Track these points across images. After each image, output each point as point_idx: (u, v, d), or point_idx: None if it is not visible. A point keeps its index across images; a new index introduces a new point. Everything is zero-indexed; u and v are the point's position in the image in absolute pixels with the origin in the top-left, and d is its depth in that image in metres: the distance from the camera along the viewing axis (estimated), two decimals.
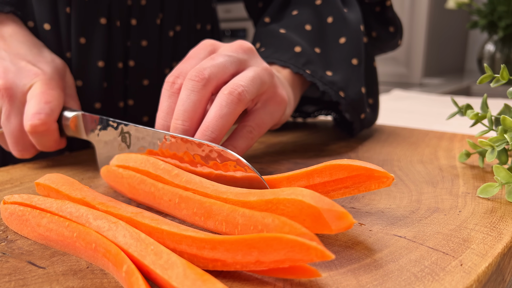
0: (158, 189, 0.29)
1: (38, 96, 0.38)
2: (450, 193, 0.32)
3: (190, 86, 0.32)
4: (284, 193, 0.24)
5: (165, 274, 0.19)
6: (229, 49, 0.35)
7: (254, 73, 0.34)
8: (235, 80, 0.33)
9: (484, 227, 0.26)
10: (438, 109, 0.80)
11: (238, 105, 0.32)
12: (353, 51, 0.47)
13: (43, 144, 0.39)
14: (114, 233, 0.23)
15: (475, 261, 0.22)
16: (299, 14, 0.49)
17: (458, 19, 1.90)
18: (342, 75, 0.45)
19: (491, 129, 0.37)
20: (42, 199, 0.27)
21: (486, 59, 1.61)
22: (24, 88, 0.39)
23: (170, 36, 0.52)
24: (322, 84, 0.44)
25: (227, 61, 0.34)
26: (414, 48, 1.72)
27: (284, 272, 0.20)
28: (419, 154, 0.43)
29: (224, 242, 0.20)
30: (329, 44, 0.47)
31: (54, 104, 0.39)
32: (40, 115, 0.37)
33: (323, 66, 0.45)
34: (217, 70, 0.33)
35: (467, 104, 0.40)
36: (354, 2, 0.51)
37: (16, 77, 0.39)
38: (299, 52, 0.45)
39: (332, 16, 0.48)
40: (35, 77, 0.39)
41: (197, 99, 0.32)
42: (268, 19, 0.52)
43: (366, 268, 0.22)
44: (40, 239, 0.25)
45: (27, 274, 0.22)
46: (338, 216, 0.22)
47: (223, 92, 0.32)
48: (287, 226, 0.22)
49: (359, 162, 0.26)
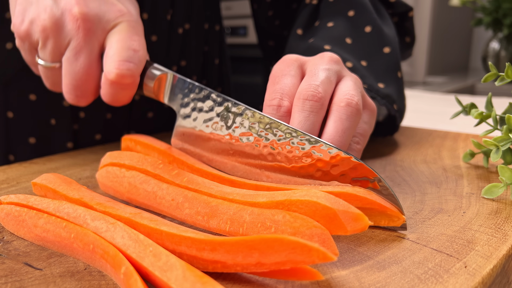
0: (161, 188, 0.29)
1: (126, 41, 0.34)
2: (454, 194, 0.32)
3: (308, 107, 0.30)
4: (297, 194, 0.24)
5: (164, 276, 0.19)
6: (322, 62, 0.34)
7: (353, 82, 0.33)
8: (345, 91, 0.32)
9: (489, 228, 0.26)
10: (442, 108, 0.80)
11: (357, 116, 0.31)
12: (396, 62, 0.46)
13: (116, 97, 0.35)
14: (112, 234, 0.23)
15: (479, 263, 0.22)
16: (336, 26, 0.48)
17: (462, 16, 1.90)
18: (393, 87, 0.44)
19: (496, 129, 0.37)
20: (39, 200, 0.27)
21: (491, 57, 1.60)
22: (107, 25, 0.34)
23: (179, 33, 0.53)
24: (380, 98, 0.43)
25: (330, 75, 0.32)
26: (418, 46, 1.72)
27: (285, 274, 0.20)
28: (422, 154, 0.43)
29: (224, 244, 0.20)
30: (373, 55, 0.46)
31: (142, 54, 0.34)
32: (129, 64, 0.33)
33: (374, 79, 0.44)
34: (327, 87, 0.32)
35: (471, 103, 0.40)
36: (386, 14, 0.50)
37: (99, 8, 0.34)
38: (351, 68, 0.43)
39: (370, 25, 0.47)
40: (120, 16, 0.35)
41: (316, 120, 0.30)
42: (300, 31, 0.51)
43: (369, 270, 0.22)
44: (37, 240, 0.25)
45: (23, 275, 0.22)
46: (354, 217, 0.23)
47: (340, 105, 0.31)
48: (299, 219, 0.22)
49: (375, 196, 0.26)
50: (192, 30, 0.54)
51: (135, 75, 0.34)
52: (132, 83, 0.34)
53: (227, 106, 0.31)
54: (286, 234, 0.22)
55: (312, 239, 0.21)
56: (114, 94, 0.35)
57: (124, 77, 0.33)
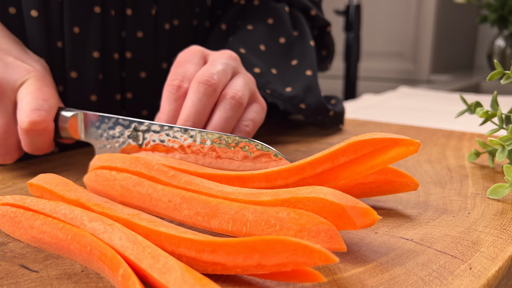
0: (156, 190, 0.28)
1: (35, 93, 0.37)
2: (459, 194, 0.32)
3: (202, 89, 0.35)
4: (303, 191, 0.24)
5: (162, 279, 0.19)
6: (222, 57, 0.39)
7: (244, 79, 0.39)
8: (234, 86, 0.37)
9: (494, 229, 0.26)
10: (446, 107, 0.80)
11: (240, 108, 0.37)
12: (306, 67, 0.53)
13: (36, 145, 0.38)
14: (110, 236, 0.23)
15: (484, 264, 0.22)
16: (254, 31, 0.55)
17: (467, 13, 1.90)
18: (300, 86, 0.51)
19: (502, 128, 0.37)
20: (35, 200, 0.27)
21: (496, 55, 1.60)
22: (15, 84, 0.38)
23: (166, 29, 0.53)
24: (282, 102, 0.50)
25: (226, 68, 0.38)
26: (422, 44, 1.72)
27: (287, 276, 0.20)
28: (426, 154, 0.43)
29: (224, 245, 0.20)
30: (283, 66, 0.53)
31: (52, 102, 0.38)
32: (39, 111, 0.36)
33: (281, 85, 0.51)
34: (222, 76, 0.37)
35: (476, 102, 0.40)
36: (305, 27, 0.57)
37: (5, 72, 0.38)
38: (259, 73, 0.50)
39: (284, 37, 0.55)
40: (27, 74, 0.39)
41: (208, 102, 0.36)
42: (224, 26, 0.58)
43: (372, 272, 0.22)
44: (33, 241, 0.25)
45: (19, 278, 0.22)
46: (363, 212, 0.23)
47: (226, 97, 0.36)
48: (305, 216, 0.22)
49: (382, 134, 0.26)
50: (180, 26, 0.55)
51: (47, 120, 0.37)
52: (45, 129, 0.37)
53: (135, 127, 0.35)
54: (291, 231, 0.22)
55: (319, 235, 0.21)
56: (32, 142, 0.38)
57: (36, 124, 0.36)
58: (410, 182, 0.29)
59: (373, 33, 1.84)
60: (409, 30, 1.74)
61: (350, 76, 1.51)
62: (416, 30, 1.72)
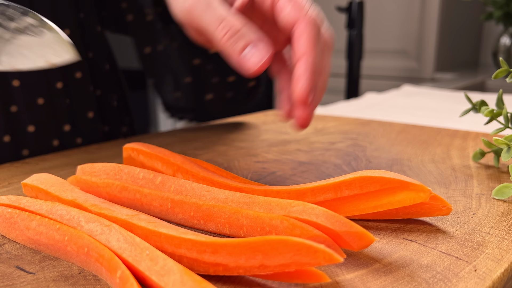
0: (144, 195, 0.28)
1: None
2: (464, 195, 0.32)
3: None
4: (294, 209, 0.24)
5: (161, 281, 0.19)
6: None
7: None
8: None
9: (499, 230, 0.26)
10: (451, 105, 0.80)
11: None
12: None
13: None
14: (108, 237, 0.23)
15: (490, 266, 0.22)
16: None
17: (472, 10, 1.90)
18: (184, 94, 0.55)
19: (507, 127, 0.37)
20: (31, 201, 0.27)
21: (502, 53, 1.60)
22: None
23: None
24: None
25: None
26: (426, 41, 1.72)
27: (290, 276, 0.20)
28: (430, 153, 0.43)
29: (226, 246, 0.20)
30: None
31: None
32: None
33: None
34: None
35: (481, 100, 0.40)
36: None
37: None
38: None
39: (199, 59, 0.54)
40: None
41: None
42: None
43: (375, 273, 0.22)
44: (30, 243, 0.26)
45: (15, 280, 0.22)
46: (358, 236, 0.22)
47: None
48: (298, 228, 0.22)
49: (393, 174, 0.25)
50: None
51: None
52: None
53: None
54: None
55: None
56: None
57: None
58: (442, 205, 0.27)
59: (376, 31, 1.84)
60: (413, 27, 1.74)
61: (352, 74, 1.51)
62: (420, 27, 1.72)
